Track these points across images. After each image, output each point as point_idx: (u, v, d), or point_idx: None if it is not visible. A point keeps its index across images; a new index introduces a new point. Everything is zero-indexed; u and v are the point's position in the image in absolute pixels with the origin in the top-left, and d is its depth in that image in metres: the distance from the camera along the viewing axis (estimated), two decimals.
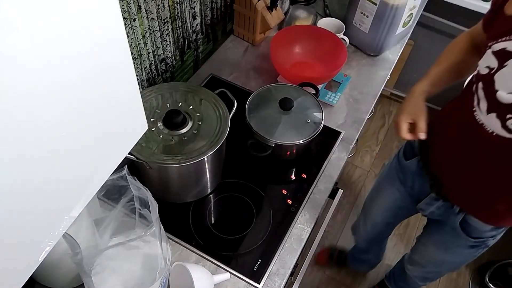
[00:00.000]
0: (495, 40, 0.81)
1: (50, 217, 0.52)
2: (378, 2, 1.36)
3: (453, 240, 1.11)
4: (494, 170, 0.90)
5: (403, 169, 1.17)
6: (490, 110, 0.84)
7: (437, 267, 1.32)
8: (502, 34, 0.80)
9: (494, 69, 0.82)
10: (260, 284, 0.98)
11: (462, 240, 1.08)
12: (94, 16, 0.45)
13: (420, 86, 1.02)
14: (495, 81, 0.81)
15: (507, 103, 0.79)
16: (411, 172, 1.14)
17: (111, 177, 0.81)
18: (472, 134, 0.90)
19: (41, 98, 0.42)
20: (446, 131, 1.01)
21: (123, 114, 0.59)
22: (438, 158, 1.05)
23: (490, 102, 0.83)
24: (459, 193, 1.02)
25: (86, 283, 0.79)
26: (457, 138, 0.98)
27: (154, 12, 1.06)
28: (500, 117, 0.82)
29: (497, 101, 0.81)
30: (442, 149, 1.03)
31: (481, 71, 0.85)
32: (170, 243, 1.02)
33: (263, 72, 1.43)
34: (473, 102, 0.88)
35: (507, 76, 0.79)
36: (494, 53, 0.81)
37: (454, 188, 1.02)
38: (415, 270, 1.42)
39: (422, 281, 1.45)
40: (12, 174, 0.42)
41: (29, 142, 0.43)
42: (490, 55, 0.82)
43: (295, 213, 1.11)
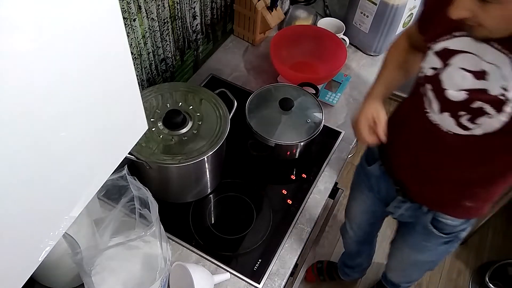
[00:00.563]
0: (434, 40, 0.83)
1: (50, 217, 0.52)
2: (378, 2, 1.36)
3: (427, 240, 1.10)
4: (456, 167, 0.91)
5: (367, 174, 1.16)
6: (442, 110, 0.84)
7: (416, 269, 1.31)
8: (441, 34, 0.81)
9: (439, 69, 0.82)
10: (260, 284, 0.98)
11: (435, 238, 1.07)
12: (94, 16, 0.45)
13: (375, 90, 1.02)
14: (442, 81, 0.82)
15: (458, 101, 0.80)
16: (375, 177, 1.13)
17: (111, 177, 0.81)
18: (428, 135, 0.90)
19: (40, 98, 0.42)
20: (401, 134, 1.00)
21: (123, 114, 0.59)
22: (398, 162, 1.05)
23: (441, 102, 0.84)
24: (425, 194, 1.02)
25: (86, 283, 0.79)
26: (414, 140, 0.98)
27: (154, 12, 1.06)
28: (453, 115, 0.82)
29: (447, 100, 0.82)
30: (400, 152, 1.03)
31: (426, 72, 0.85)
32: (170, 243, 1.02)
33: (263, 72, 1.43)
34: (424, 104, 0.88)
35: (453, 74, 0.80)
36: (436, 53, 0.82)
37: (419, 189, 1.02)
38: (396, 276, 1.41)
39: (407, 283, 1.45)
40: (12, 174, 0.42)
41: (29, 142, 0.43)
42: (433, 56, 0.83)
43: (295, 213, 1.11)
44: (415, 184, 1.02)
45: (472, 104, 0.79)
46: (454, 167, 0.91)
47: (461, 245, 2.02)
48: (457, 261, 1.99)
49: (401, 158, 1.03)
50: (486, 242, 2.05)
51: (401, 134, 1.01)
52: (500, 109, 0.76)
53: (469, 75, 0.78)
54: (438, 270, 1.94)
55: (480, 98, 0.78)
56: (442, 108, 0.84)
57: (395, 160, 1.06)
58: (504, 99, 0.74)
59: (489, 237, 2.07)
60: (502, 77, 0.74)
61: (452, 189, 0.95)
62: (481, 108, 0.78)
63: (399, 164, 1.05)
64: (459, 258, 1.99)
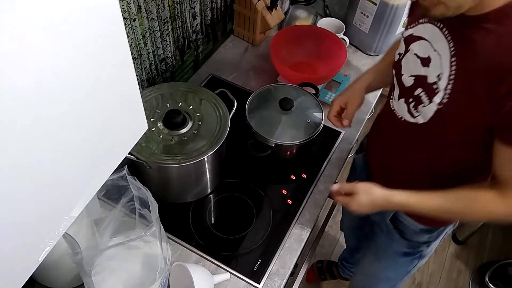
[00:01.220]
0: (406, 27, 0.87)
1: (50, 217, 0.52)
2: (378, 2, 1.36)
3: (388, 244, 1.09)
4: (409, 158, 0.92)
5: (354, 165, 1.19)
6: (400, 96, 0.87)
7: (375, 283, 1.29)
8: (412, 22, 0.85)
9: (402, 55, 0.86)
10: (260, 284, 0.98)
11: (396, 243, 1.06)
12: (94, 16, 0.45)
13: (363, 76, 1.05)
14: (402, 66, 0.85)
15: (408, 86, 0.83)
16: (359, 167, 1.15)
17: (111, 177, 0.81)
18: (390, 122, 0.92)
19: (40, 99, 0.42)
20: (377, 123, 1.05)
21: (123, 114, 0.59)
22: (372, 150, 1.08)
23: (400, 88, 0.86)
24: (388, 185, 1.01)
25: (86, 283, 0.79)
26: (382, 129, 1.01)
27: (154, 12, 1.06)
28: (406, 101, 0.84)
29: (403, 85, 0.84)
30: (374, 141, 1.06)
31: (395, 58, 0.89)
32: (170, 243, 1.02)
33: (263, 72, 1.43)
34: (392, 92, 0.91)
35: (409, 59, 0.83)
36: (404, 39, 0.86)
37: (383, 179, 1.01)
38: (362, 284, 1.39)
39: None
40: (12, 175, 0.42)
41: (29, 142, 0.43)
42: (402, 42, 0.86)
43: (295, 213, 1.11)
44: (381, 174, 1.03)
45: (415, 91, 0.81)
46: (408, 158, 0.92)
47: (461, 245, 2.03)
48: (457, 261, 1.99)
49: (374, 146, 1.07)
50: (486, 242, 2.06)
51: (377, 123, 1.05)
52: (431, 98, 0.78)
53: (419, 61, 0.80)
54: (438, 270, 1.94)
55: (421, 85, 0.80)
56: (400, 94, 0.86)
57: (370, 148, 1.09)
58: (436, 88, 0.76)
59: (489, 237, 2.07)
60: (440, 65, 0.75)
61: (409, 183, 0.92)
62: (419, 96, 0.80)
63: (372, 152, 1.08)
64: (459, 258, 2.00)
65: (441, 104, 0.77)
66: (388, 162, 1.00)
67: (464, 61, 0.73)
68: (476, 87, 0.71)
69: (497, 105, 0.69)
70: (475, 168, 0.87)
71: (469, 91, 0.72)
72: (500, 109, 0.69)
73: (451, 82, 0.74)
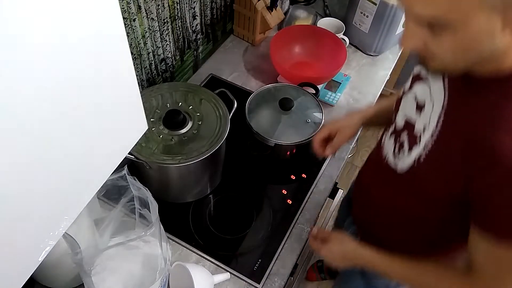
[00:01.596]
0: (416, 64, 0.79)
1: (50, 217, 0.52)
2: (378, 2, 1.36)
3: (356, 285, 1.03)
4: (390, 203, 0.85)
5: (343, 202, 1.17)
6: (392, 132, 0.80)
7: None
8: None
9: (404, 92, 0.79)
10: (260, 284, 0.98)
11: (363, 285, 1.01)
12: (94, 16, 0.45)
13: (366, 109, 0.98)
14: (401, 104, 0.79)
15: (399, 127, 0.77)
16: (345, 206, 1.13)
17: (111, 177, 0.81)
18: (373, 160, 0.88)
19: (40, 99, 0.42)
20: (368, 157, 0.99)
21: (123, 114, 0.59)
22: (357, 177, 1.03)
23: (395, 125, 0.80)
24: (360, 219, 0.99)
25: (86, 283, 0.79)
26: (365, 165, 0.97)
27: (154, 12, 1.06)
28: (395, 141, 0.78)
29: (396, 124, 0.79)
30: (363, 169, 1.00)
31: (400, 93, 0.83)
32: (170, 243, 1.02)
33: (263, 72, 1.43)
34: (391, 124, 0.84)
35: (408, 99, 0.76)
36: (412, 76, 0.79)
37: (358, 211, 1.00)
38: None
39: None
40: (12, 175, 0.42)
41: (29, 142, 0.43)
42: (410, 78, 0.80)
43: (295, 213, 1.11)
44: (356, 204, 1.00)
45: (402, 134, 0.75)
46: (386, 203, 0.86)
47: None
48: None
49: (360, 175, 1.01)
50: None
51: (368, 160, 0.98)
52: (410, 149, 0.71)
53: (415, 104, 0.74)
54: None
55: (407, 131, 0.74)
56: (393, 131, 0.80)
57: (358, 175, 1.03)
58: (417, 140, 0.70)
59: None
60: (429, 117, 0.68)
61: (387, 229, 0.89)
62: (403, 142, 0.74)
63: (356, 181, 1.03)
64: None
65: (417, 160, 0.70)
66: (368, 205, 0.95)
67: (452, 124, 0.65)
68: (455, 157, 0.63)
69: (471, 182, 0.62)
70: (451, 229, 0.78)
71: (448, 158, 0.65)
72: (473, 188, 0.62)
73: (432, 140, 0.67)
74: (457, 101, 0.65)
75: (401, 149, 0.75)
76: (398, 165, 0.76)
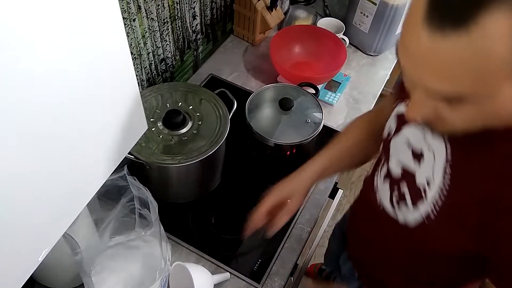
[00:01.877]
0: (400, 100, 0.71)
1: (50, 217, 0.52)
2: (378, 2, 1.36)
3: None
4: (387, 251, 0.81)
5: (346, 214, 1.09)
6: (385, 177, 0.74)
7: None
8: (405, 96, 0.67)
9: (391, 134, 0.72)
10: (260, 284, 0.98)
11: None
12: (94, 16, 0.45)
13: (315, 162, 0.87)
14: (390, 148, 0.72)
15: (395, 176, 0.70)
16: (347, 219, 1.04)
17: (111, 177, 0.81)
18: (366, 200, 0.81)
19: (40, 99, 0.42)
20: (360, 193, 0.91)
21: (123, 114, 0.59)
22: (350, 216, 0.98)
23: (387, 169, 0.73)
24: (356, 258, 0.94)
25: (86, 283, 0.79)
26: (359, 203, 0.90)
27: (154, 12, 1.06)
28: (390, 187, 0.72)
29: (390, 170, 0.72)
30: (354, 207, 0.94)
31: (385, 131, 0.75)
32: (170, 243, 1.02)
33: (263, 72, 1.43)
34: (380, 162, 0.78)
35: (399, 145, 0.69)
36: (396, 115, 0.71)
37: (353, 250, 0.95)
38: None
39: None
40: (12, 176, 0.42)
41: (29, 142, 0.43)
42: (393, 117, 0.72)
43: (295, 213, 1.11)
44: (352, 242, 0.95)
45: (401, 185, 0.69)
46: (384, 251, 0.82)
47: None
48: None
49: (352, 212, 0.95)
50: None
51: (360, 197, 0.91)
52: (416, 204, 0.65)
53: (410, 152, 0.66)
54: None
55: (407, 182, 0.67)
56: (386, 175, 0.73)
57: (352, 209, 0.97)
58: (422, 195, 0.63)
59: None
60: (432, 169, 0.61)
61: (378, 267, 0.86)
62: (403, 194, 0.68)
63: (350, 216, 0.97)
64: None
65: (427, 217, 0.63)
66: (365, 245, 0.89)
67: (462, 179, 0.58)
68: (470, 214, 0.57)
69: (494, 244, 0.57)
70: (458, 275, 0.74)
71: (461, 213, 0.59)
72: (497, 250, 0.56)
73: (441, 196, 0.60)
74: (463, 153, 0.58)
75: (401, 201, 0.69)
76: (399, 217, 0.70)
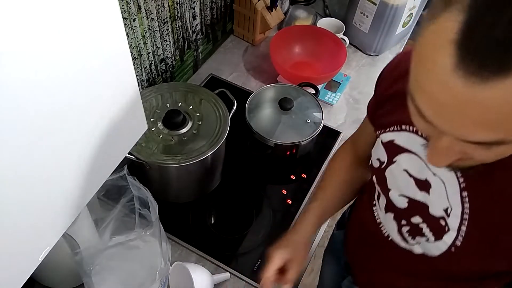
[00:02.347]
0: (383, 129, 0.68)
1: (50, 217, 0.52)
2: (378, 2, 1.36)
3: None
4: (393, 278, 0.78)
5: (334, 238, 1.05)
6: (387, 209, 0.70)
7: None
8: (390, 124, 0.67)
9: (384, 164, 0.69)
10: (260, 284, 0.98)
11: None
12: (94, 16, 0.45)
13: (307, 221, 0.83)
14: (387, 179, 0.68)
15: (401, 208, 0.67)
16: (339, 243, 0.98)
17: (111, 177, 0.81)
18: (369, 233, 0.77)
19: (40, 99, 0.42)
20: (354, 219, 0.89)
21: (123, 114, 0.59)
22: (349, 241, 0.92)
23: (387, 200, 0.70)
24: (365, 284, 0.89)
25: (86, 283, 0.79)
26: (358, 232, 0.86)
27: (154, 12, 1.06)
28: (396, 219, 0.69)
29: (392, 203, 0.69)
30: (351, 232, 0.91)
31: (373, 163, 0.72)
32: (170, 243, 1.02)
33: (263, 72, 1.43)
34: (374, 195, 0.75)
35: (396, 174, 0.66)
36: (383, 144, 0.68)
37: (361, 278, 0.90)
38: None
39: None
40: (12, 175, 0.42)
41: (29, 141, 0.43)
42: (380, 146, 0.69)
43: (295, 213, 1.11)
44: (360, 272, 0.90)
45: (412, 217, 0.65)
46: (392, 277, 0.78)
47: None
48: None
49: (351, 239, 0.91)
50: None
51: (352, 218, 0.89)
52: (439, 236, 0.62)
53: (412, 181, 0.63)
54: None
55: (420, 215, 0.64)
56: (388, 207, 0.70)
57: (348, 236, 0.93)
58: (444, 225, 0.60)
59: None
60: (446, 197, 0.58)
61: None
62: (419, 227, 0.65)
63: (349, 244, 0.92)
64: None
65: (454, 245, 0.60)
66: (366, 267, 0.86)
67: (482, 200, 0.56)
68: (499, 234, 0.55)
69: None
70: None
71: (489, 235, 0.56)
72: None
73: (464, 222, 0.57)
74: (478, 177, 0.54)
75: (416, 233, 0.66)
76: (414, 247, 0.67)
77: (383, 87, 0.71)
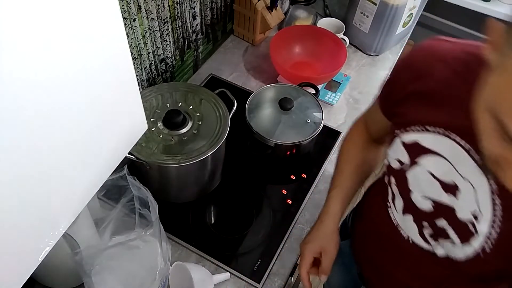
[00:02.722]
0: (404, 128, 0.66)
1: (50, 217, 0.52)
2: (378, 2, 1.36)
3: None
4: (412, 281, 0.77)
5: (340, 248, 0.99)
6: (406, 211, 0.69)
7: None
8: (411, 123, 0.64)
9: (405, 165, 0.67)
10: (260, 284, 0.98)
11: None
12: (94, 16, 0.45)
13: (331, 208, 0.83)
14: (408, 180, 0.67)
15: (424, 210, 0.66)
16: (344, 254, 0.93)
17: (111, 177, 0.81)
18: (386, 236, 0.76)
19: (40, 98, 0.42)
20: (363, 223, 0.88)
21: (123, 114, 0.59)
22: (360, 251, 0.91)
23: (406, 202, 0.69)
24: None
25: (86, 283, 0.79)
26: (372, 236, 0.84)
27: (154, 12, 1.06)
28: (417, 222, 0.68)
29: (413, 204, 0.67)
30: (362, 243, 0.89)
31: (391, 163, 0.70)
32: (170, 243, 1.02)
33: (263, 72, 1.43)
34: (387, 196, 0.73)
35: (420, 176, 0.64)
36: (404, 144, 0.66)
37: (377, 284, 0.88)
38: None
39: None
40: (12, 174, 0.42)
41: (29, 141, 0.43)
42: (400, 146, 0.67)
43: (295, 213, 1.11)
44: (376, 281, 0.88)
45: (436, 219, 0.65)
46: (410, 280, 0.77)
47: None
48: None
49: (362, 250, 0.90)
50: None
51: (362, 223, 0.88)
52: (466, 240, 0.61)
53: (438, 184, 0.62)
54: None
55: (445, 217, 0.63)
56: (406, 209, 0.69)
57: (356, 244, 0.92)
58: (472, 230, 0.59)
59: None
60: (476, 201, 0.58)
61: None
62: (444, 230, 0.64)
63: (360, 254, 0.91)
64: None
65: (482, 251, 0.59)
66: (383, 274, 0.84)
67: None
68: None
69: None
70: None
71: None
72: None
73: (495, 227, 0.57)
74: None
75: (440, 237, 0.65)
76: (437, 250, 0.67)
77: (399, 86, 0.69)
